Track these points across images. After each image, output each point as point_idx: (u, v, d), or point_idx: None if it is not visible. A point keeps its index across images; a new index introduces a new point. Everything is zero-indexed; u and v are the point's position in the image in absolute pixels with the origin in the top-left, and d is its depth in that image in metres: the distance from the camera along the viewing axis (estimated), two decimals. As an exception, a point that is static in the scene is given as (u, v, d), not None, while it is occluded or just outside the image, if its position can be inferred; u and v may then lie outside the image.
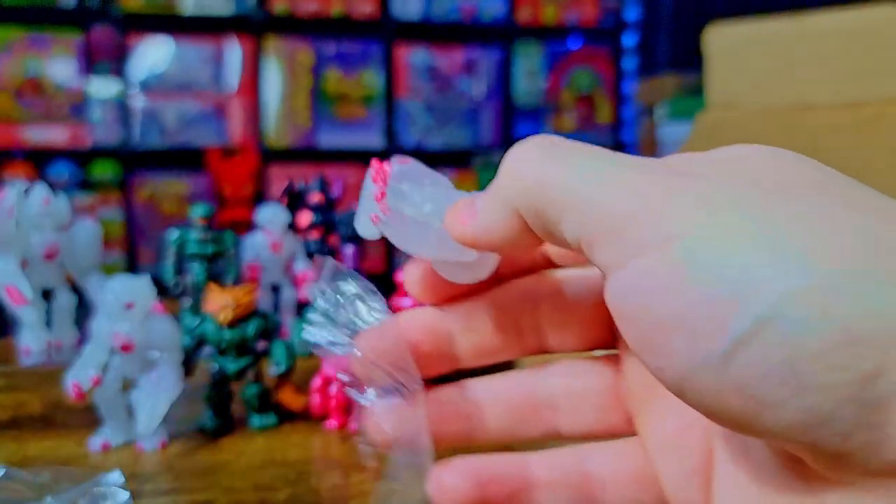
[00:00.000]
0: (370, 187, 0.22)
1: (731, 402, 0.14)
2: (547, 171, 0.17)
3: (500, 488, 0.21)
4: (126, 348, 0.40)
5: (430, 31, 2.09)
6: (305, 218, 0.65)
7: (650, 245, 0.15)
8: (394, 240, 0.21)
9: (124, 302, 0.39)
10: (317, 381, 0.44)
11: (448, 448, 0.21)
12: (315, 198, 0.65)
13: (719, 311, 0.14)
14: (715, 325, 0.14)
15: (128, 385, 0.41)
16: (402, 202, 0.21)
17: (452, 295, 0.22)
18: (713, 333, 0.14)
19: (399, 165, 0.22)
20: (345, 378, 0.21)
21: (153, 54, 1.96)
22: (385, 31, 2.05)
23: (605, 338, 0.22)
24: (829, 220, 0.14)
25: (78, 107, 1.91)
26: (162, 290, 0.46)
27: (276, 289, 0.65)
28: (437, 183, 0.22)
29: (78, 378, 0.39)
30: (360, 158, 2.05)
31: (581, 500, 0.21)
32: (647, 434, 0.21)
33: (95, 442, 0.41)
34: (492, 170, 2.12)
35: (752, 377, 0.14)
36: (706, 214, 0.14)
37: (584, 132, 2.22)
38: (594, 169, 0.16)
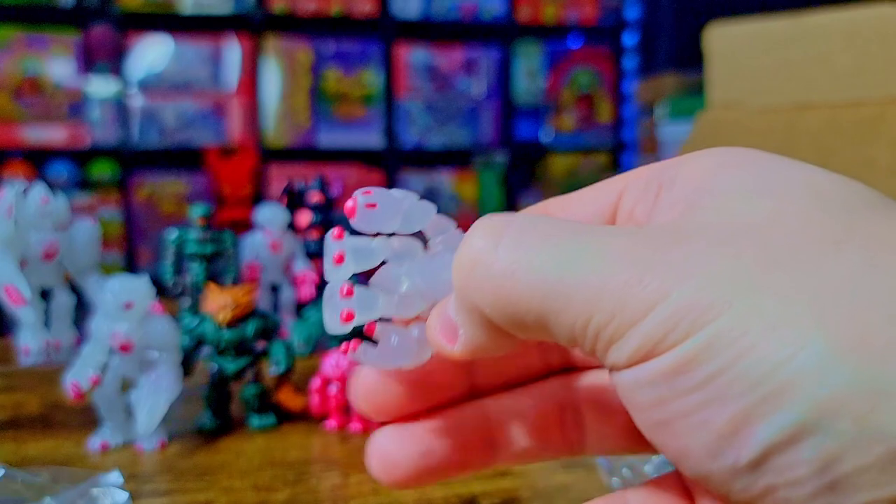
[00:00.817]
0: (332, 271, 0.18)
1: (762, 502, 0.13)
2: (513, 269, 0.15)
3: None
4: (125, 348, 0.40)
5: (429, 30, 2.09)
6: (305, 218, 0.65)
7: (658, 341, 0.13)
8: (374, 364, 0.18)
9: (123, 302, 0.39)
10: (316, 382, 0.44)
11: None
12: (314, 197, 0.65)
13: (742, 416, 0.12)
14: (738, 430, 0.13)
15: (127, 385, 0.41)
16: (372, 305, 0.18)
17: (412, 412, 0.20)
18: (736, 440, 0.13)
19: (362, 212, 0.18)
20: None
21: (152, 53, 1.95)
22: (385, 31, 2.05)
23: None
24: (863, 294, 0.12)
25: (76, 106, 1.91)
26: (161, 290, 0.46)
27: (275, 289, 0.64)
28: (409, 211, 0.18)
29: (77, 378, 0.39)
30: (360, 158, 2.05)
31: None
32: None
33: (94, 442, 0.41)
34: (492, 169, 2.13)
35: (781, 483, 0.12)
36: (718, 302, 0.13)
37: (584, 131, 2.22)
38: (569, 252, 0.14)
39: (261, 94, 2.00)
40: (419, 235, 0.19)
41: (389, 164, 2.04)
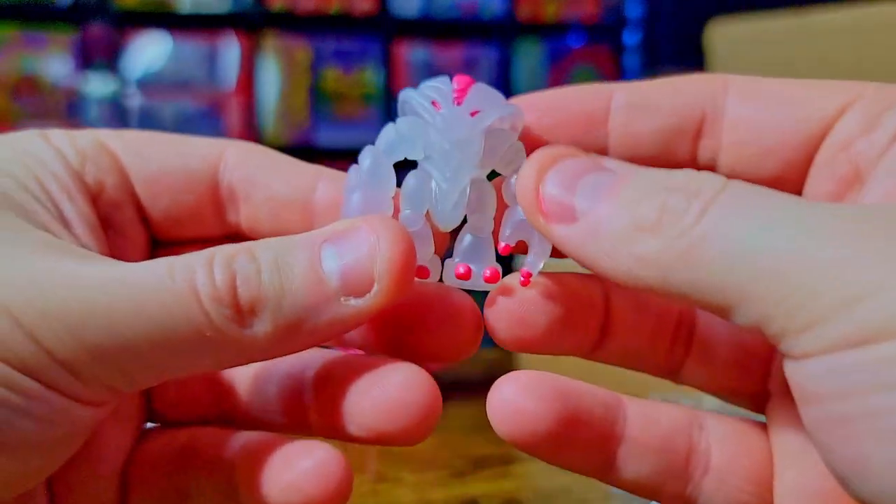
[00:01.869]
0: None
1: None
2: (709, 235, 0.13)
3: (589, 431, 0.16)
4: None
5: (429, 29, 2.09)
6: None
7: (880, 327, 0.12)
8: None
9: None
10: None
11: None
12: (312, 193, 0.64)
13: None
14: None
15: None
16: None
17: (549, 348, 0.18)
18: None
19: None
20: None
21: (149, 52, 1.95)
22: (384, 29, 2.04)
23: None
24: None
25: (74, 105, 1.91)
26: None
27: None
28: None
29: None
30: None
31: (671, 472, 0.17)
32: (783, 461, 0.17)
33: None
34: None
35: None
36: None
37: (584, 131, 2.22)
38: (781, 223, 0.13)
39: (259, 93, 2.00)
40: None
41: (389, 164, 2.04)
